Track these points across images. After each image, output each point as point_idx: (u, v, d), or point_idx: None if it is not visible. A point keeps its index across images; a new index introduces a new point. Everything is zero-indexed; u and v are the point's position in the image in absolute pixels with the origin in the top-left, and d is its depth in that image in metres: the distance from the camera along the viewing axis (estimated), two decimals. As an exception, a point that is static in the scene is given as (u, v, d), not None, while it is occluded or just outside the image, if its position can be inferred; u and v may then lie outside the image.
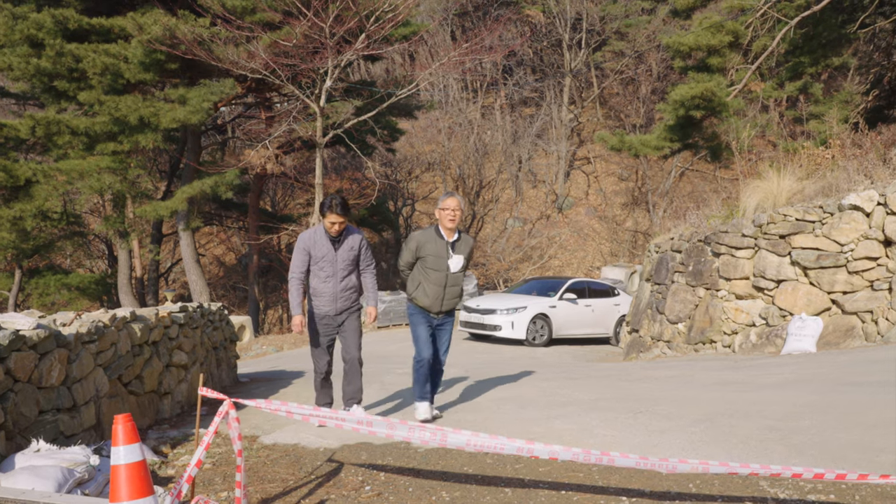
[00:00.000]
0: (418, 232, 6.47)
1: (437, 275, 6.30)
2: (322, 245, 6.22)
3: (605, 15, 33.94)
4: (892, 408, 5.73)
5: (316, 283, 6.31)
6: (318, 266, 6.25)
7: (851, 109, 19.68)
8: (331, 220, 6.10)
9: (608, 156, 33.76)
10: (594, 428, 5.89)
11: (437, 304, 6.36)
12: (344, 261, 6.28)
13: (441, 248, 6.29)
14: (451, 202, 6.28)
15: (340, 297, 6.32)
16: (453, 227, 6.29)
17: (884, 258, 9.55)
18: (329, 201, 6.11)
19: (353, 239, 6.34)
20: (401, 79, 25.36)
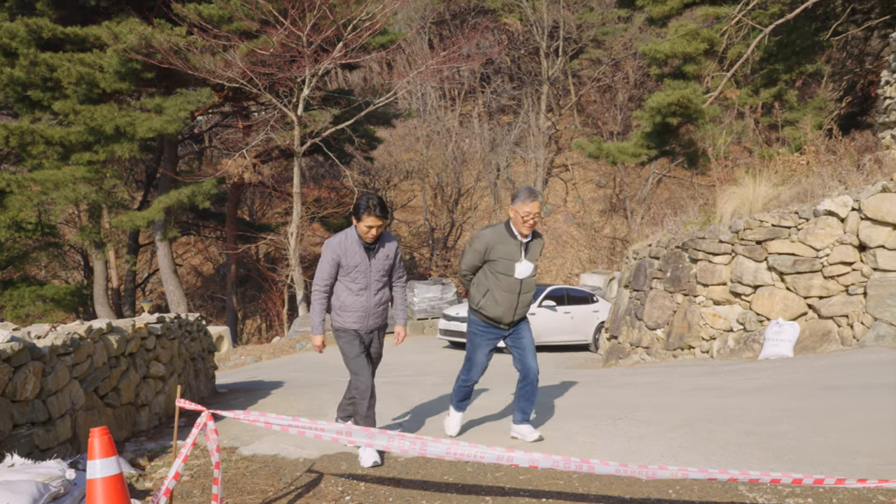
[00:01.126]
0: (487, 230, 5.62)
1: (509, 280, 5.51)
2: (354, 253, 5.38)
3: (582, 23, 34.18)
4: (868, 411, 5.78)
5: (346, 296, 5.46)
6: (349, 277, 5.42)
7: (825, 116, 19.90)
8: (368, 223, 5.23)
9: (586, 163, 33.94)
10: (575, 435, 5.90)
11: (510, 313, 5.59)
12: (378, 271, 5.48)
13: (514, 249, 5.51)
14: (535, 206, 5.38)
15: (373, 314, 5.54)
16: (530, 231, 5.49)
17: (858, 263, 9.65)
18: (366, 202, 5.23)
19: (388, 246, 5.53)
20: (379, 87, 25.40)
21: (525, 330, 5.72)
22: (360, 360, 5.49)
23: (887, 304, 9.18)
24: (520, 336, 5.70)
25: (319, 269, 5.45)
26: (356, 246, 5.38)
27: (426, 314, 20.19)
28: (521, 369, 5.67)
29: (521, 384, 5.70)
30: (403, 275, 5.78)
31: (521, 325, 5.72)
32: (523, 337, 5.70)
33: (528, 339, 5.71)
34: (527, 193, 5.41)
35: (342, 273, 5.42)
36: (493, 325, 5.65)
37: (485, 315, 5.62)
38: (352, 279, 5.42)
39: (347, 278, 5.42)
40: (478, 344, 5.70)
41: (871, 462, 4.66)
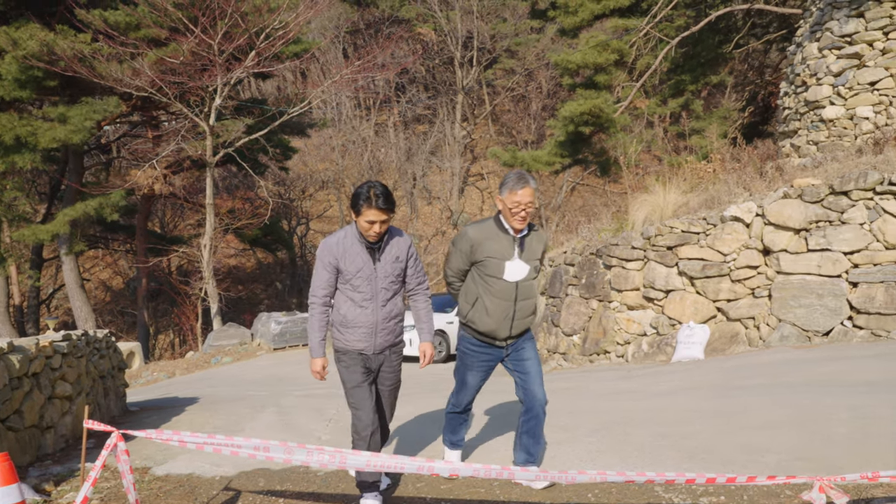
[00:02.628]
0: (472, 226, 4.63)
1: (501, 284, 4.54)
2: (355, 255, 4.44)
3: (496, 33, 34.59)
4: (774, 410, 5.99)
5: (348, 309, 4.52)
6: (349, 286, 4.49)
7: (730, 125, 20.68)
8: (369, 217, 4.27)
9: (501, 171, 34.27)
10: (494, 443, 5.92)
11: (506, 326, 4.60)
12: (387, 277, 4.50)
13: (505, 246, 4.54)
14: (526, 193, 4.41)
15: (382, 330, 4.56)
16: (524, 225, 4.52)
17: (763, 266, 10.02)
18: (366, 191, 4.27)
19: (397, 245, 4.53)
20: (293, 97, 25.12)
21: (529, 349, 4.74)
22: (361, 392, 4.50)
23: (791, 306, 9.55)
24: (522, 357, 4.71)
25: (315, 277, 4.54)
26: (357, 247, 4.44)
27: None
28: (525, 399, 4.71)
29: (525, 417, 4.73)
30: (424, 279, 4.77)
31: (524, 343, 4.74)
32: (527, 358, 4.71)
33: (532, 360, 4.72)
34: (515, 179, 4.44)
35: (342, 280, 4.50)
36: (486, 343, 4.68)
37: (475, 330, 4.66)
38: (354, 288, 4.48)
39: (349, 287, 4.49)
40: (468, 365, 4.76)
41: (779, 458, 4.82)
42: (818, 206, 9.71)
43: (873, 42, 11.59)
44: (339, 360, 4.61)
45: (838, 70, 11.84)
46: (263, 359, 17.72)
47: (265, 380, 13.50)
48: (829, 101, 11.95)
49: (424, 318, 4.78)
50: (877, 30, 11.54)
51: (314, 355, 4.56)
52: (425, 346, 4.74)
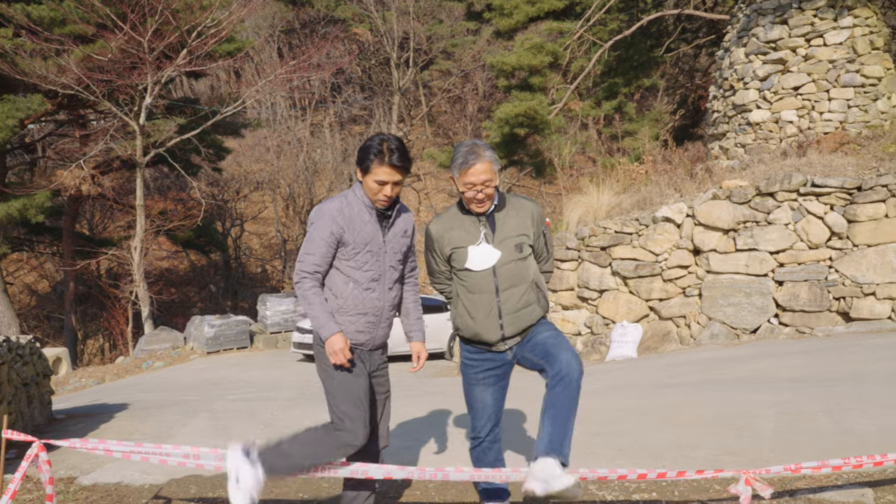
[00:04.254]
0: (433, 221, 3.86)
1: (474, 276, 3.67)
2: (364, 224, 3.59)
3: (432, 35, 34.63)
4: (704, 406, 6.13)
5: (350, 292, 3.62)
6: (353, 262, 3.59)
7: (661, 127, 21.09)
8: (380, 176, 3.49)
9: (438, 173, 34.35)
10: (430, 444, 5.91)
11: (493, 325, 3.66)
12: (395, 254, 3.71)
13: (469, 231, 3.69)
14: (479, 170, 3.56)
15: (386, 320, 3.76)
16: (487, 207, 3.65)
17: (693, 266, 10.24)
18: (378, 143, 3.49)
19: (405, 217, 3.78)
20: (226, 96, 24.76)
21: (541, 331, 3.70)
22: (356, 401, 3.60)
23: (720, 305, 9.78)
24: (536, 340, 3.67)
25: (308, 250, 3.59)
26: (365, 213, 3.59)
27: (279, 328, 19.75)
28: (549, 363, 3.52)
29: (552, 385, 3.47)
30: (416, 266, 3.97)
31: (533, 333, 3.71)
32: (540, 332, 3.68)
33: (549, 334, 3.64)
34: (465, 154, 3.58)
35: (344, 255, 3.59)
36: (481, 350, 3.78)
37: (464, 337, 3.84)
38: (358, 265, 3.59)
39: (352, 263, 3.59)
40: (471, 380, 3.85)
41: (708, 453, 4.93)
42: (746, 206, 9.97)
43: (796, 48, 11.95)
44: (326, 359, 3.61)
45: (764, 75, 12.18)
46: (197, 363, 17.39)
47: (198, 384, 13.25)
48: (756, 104, 12.29)
49: (415, 313, 3.95)
50: (800, 36, 11.90)
51: (329, 332, 3.50)
52: (418, 347, 3.93)
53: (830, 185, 9.57)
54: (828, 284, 9.46)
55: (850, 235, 9.46)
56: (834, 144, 10.75)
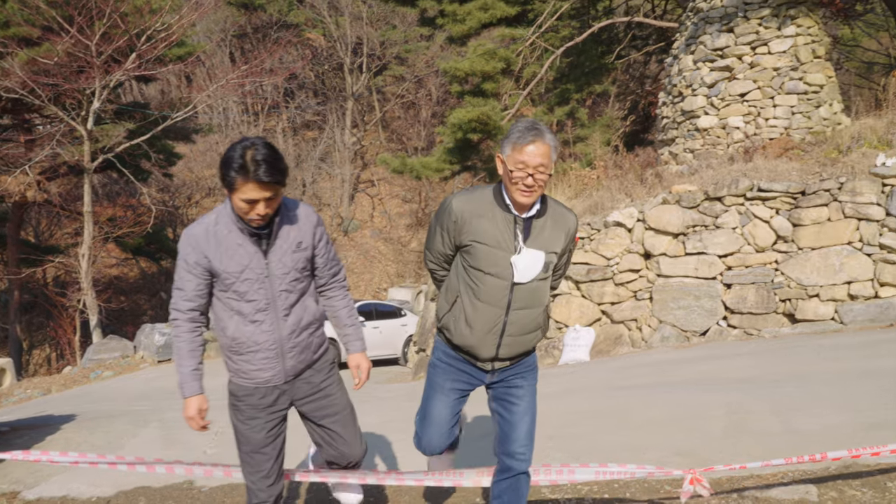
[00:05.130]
0: (459, 195, 3.20)
1: (494, 284, 3.14)
2: (235, 249, 3.07)
3: (385, 40, 34.61)
4: (656, 408, 6.21)
5: (236, 327, 3.16)
6: (233, 294, 3.11)
7: (612, 133, 21.35)
8: (248, 194, 2.91)
9: (391, 178, 34.34)
10: (383, 450, 5.90)
11: (490, 343, 3.22)
12: (286, 275, 3.14)
13: (503, 230, 3.11)
14: (537, 152, 3.01)
15: (292, 350, 3.23)
16: (534, 198, 3.08)
17: (644, 270, 10.38)
18: (240, 155, 2.87)
19: (298, 226, 3.19)
20: (177, 101, 24.46)
21: (523, 384, 3.36)
22: (261, 459, 3.28)
23: (670, 308, 9.93)
24: (511, 393, 3.35)
25: (176, 284, 3.17)
26: (236, 236, 3.06)
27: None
28: (502, 449, 3.33)
29: (499, 477, 3.36)
30: (340, 268, 3.46)
31: (518, 373, 3.35)
32: (517, 396, 3.34)
33: (524, 402, 3.35)
34: (523, 130, 3.03)
35: (221, 287, 3.12)
36: (463, 359, 3.35)
37: (449, 341, 3.35)
38: (239, 296, 3.10)
39: (232, 295, 3.11)
40: (436, 385, 3.43)
41: (659, 455, 4.99)
42: (694, 211, 10.14)
43: (742, 56, 12.20)
44: (234, 407, 3.27)
45: (712, 82, 12.41)
46: (147, 372, 17.11)
47: (149, 393, 13.03)
48: (704, 111, 12.51)
49: (348, 321, 3.48)
50: (745, 45, 12.16)
51: (185, 393, 3.14)
52: (358, 359, 3.48)
53: (776, 189, 9.78)
54: (774, 287, 9.66)
55: (795, 239, 9.68)
56: (779, 150, 10.99)
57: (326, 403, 3.39)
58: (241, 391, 3.23)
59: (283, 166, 2.95)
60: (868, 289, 9.32)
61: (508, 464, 3.28)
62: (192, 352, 3.16)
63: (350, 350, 3.49)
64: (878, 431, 4.84)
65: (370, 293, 29.81)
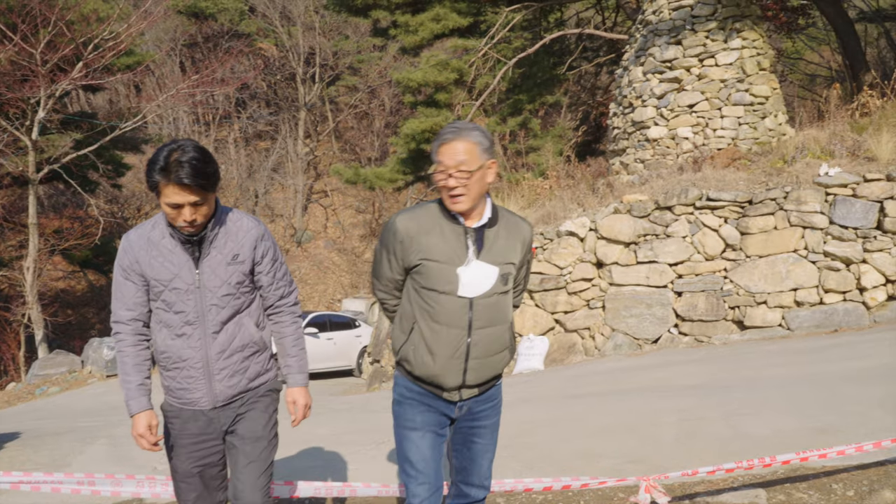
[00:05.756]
0: (404, 213, 2.94)
1: (449, 303, 2.86)
2: (166, 256, 2.92)
3: (338, 50, 34.52)
4: (609, 416, 6.26)
5: (163, 339, 2.99)
6: (162, 303, 2.95)
7: (565, 143, 21.57)
8: (171, 198, 2.75)
9: (345, 189, 34.21)
10: (335, 463, 5.85)
11: (456, 369, 2.91)
12: (218, 287, 2.94)
13: (453, 244, 2.86)
14: (453, 150, 2.77)
15: (221, 371, 2.99)
16: (464, 204, 2.80)
17: (597, 279, 10.47)
18: (165, 156, 2.71)
19: (237, 236, 2.99)
20: (126, 111, 24.10)
21: (487, 420, 3.09)
22: (185, 486, 3.06)
23: (623, 316, 10.03)
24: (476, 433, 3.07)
25: (114, 292, 3.04)
26: (168, 242, 2.92)
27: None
28: (460, 478, 3.13)
29: (455, 501, 3.17)
30: (291, 290, 3.21)
31: (485, 406, 3.08)
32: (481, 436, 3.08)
33: (485, 441, 3.10)
34: (442, 131, 2.83)
35: (152, 296, 2.97)
36: (428, 392, 2.99)
37: (409, 373, 3.01)
38: (168, 305, 2.93)
39: (161, 304, 2.95)
40: (405, 423, 3.02)
41: (613, 462, 5.03)
42: (645, 220, 10.27)
43: (690, 68, 12.42)
44: (165, 428, 3.07)
45: (661, 93, 12.60)
46: (96, 387, 16.74)
47: (98, 409, 12.75)
48: (654, 121, 12.69)
49: (292, 350, 3.17)
50: (693, 57, 12.38)
51: (132, 410, 2.93)
52: (296, 394, 3.16)
53: (724, 198, 9.96)
54: (723, 294, 9.83)
55: (743, 247, 9.86)
56: (727, 160, 11.20)
57: (246, 434, 3.03)
58: (170, 411, 3.03)
59: (211, 170, 2.76)
60: (813, 295, 9.53)
61: (466, 491, 3.12)
62: (137, 366, 2.96)
63: (289, 384, 3.19)
64: (825, 435, 4.94)
65: (324, 304, 29.61)
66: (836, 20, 15.71)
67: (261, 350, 3.07)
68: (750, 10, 12.61)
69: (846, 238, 9.46)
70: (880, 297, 9.36)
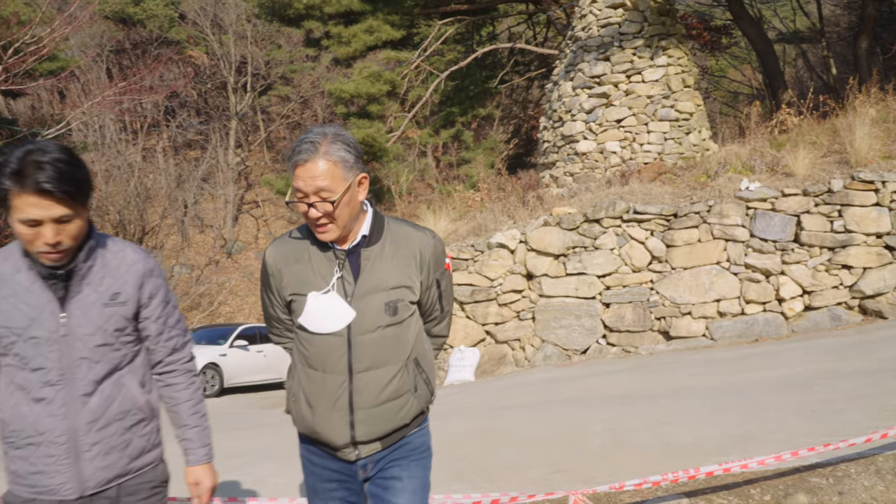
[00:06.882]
0: (275, 242, 2.52)
1: (325, 342, 2.35)
2: (23, 293, 2.14)
3: (271, 60, 34.21)
4: (537, 426, 6.33)
5: (13, 406, 2.17)
6: (14, 357, 2.15)
7: (496, 156, 21.79)
8: (24, 213, 2.01)
9: (277, 199, 33.81)
10: (267, 478, 5.77)
11: (339, 422, 2.36)
12: (91, 336, 2.16)
13: (326, 270, 2.36)
14: (308, 172, 2.26)
15: (93, 447, 2.16)
16: (332, 233, 2.31)
17: (527, 290, 10.59)
18: (18, 157, 2.01)
19: (118, 270, 2.23)
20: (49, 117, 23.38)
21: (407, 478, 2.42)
22: None
23: (552, 327, 10.16)
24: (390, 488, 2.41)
25: None
26: (25, 276, 2.15)
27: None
28: None
29: None
30: (184, 342, 2.43)
31: (397, 462, 2.43)
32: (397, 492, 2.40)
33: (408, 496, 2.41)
34: (294, 145, 2.36)
35: (2, 349, 2.16)
36: (323, 452, 2.47)
37: (299, 431, 2.56)
38: (22, 361, 2.14)
39: (12, 360, 2.15)
40: (314, 489, 2.53)
41: (542, 473, 5.08)
42: (574, 233, 10.44)
43: (618, 84, 12.71)
44: None
45: (590, 108, 12.85)
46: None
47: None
48: (583, 135, 12.93)
49: (191, 420, 2.44)
50: (621, 73, 12.67)
51: None
52: (199, 474, 2.46)
53: (650, 212, 10.20)
54: (650, 305, 10.04)
55: (669, 259, 10.11)
56: (653, 174, 11.48)
57: None
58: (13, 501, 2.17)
59: (81, 175, 2.06)
60: (735, 306, 9.82)
61: None
62: None
63: (189, 461, 2.46)
64: (746, 442, 5.08)
65: (255, 316, 29.18)
66: (757, 40, 16.28)
67: (147, 419, 2.31)
68: (675, 28, 12.98)
69: (766, 250, 9.79)
70: (797, 308, 9.71)
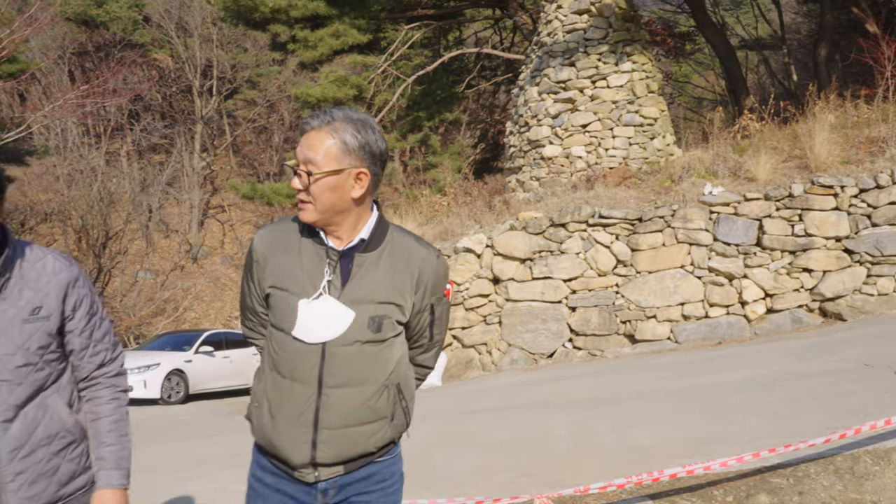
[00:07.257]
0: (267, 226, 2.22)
1: (293, 348, 2.06)
2: None
3: (237, 63, 33.98)
4: (503, 431, 6.35)
5: None
6: None
7: (463, 161, 21.85)
8: None
9: (243, 204, 33.56)
10: (230, 485, 5.70)
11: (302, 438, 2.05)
12: (9, 352, 1.97)
13: (313, 267, 2.07)
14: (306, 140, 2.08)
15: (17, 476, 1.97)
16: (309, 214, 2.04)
17: (494, 295, 10.62)
18: None
19: (37, 280, 2.03)
20: (8, 120, 23.00)
21: None
22: None
23: (519, 331, 10.20)
24: None
25: None
26: None
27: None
28: None
29: None
30: (115, 357, 2.20)
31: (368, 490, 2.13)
32: None
33: None
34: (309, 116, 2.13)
35: None
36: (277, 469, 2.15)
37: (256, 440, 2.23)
38: None
39: None
40: None
41: (508, 477, 5.09)
42: (540, 237, 10.49)
43: (584, 89, 12.80)
44: None
45: (556, 113, 12.92)
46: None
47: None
48: (549, 140, 13.00)
49: (108, 437, 2.14)
50: (586, 78, 12.76)
51: None
52: (104, 498, 2.09)
53: (615, 216, 10.29)
54: (615, 309, 10.12)
55: (634, 263, 10.20)
56: (618, 179, 11.57)
57: None
58: None
59: None
60: (699, 309, 9.93)
61: None
62: None
63: (98, 483, 2.12)
64: (709, 444, 5.14)
65: (220, 322, 28.91)
66: (720, 47, 16.50)
67: (77, 441, 2.12)
68: (640, 34, 13.11)
69: (729, 254, 9.91)
70: (760, 311, 9.84)
